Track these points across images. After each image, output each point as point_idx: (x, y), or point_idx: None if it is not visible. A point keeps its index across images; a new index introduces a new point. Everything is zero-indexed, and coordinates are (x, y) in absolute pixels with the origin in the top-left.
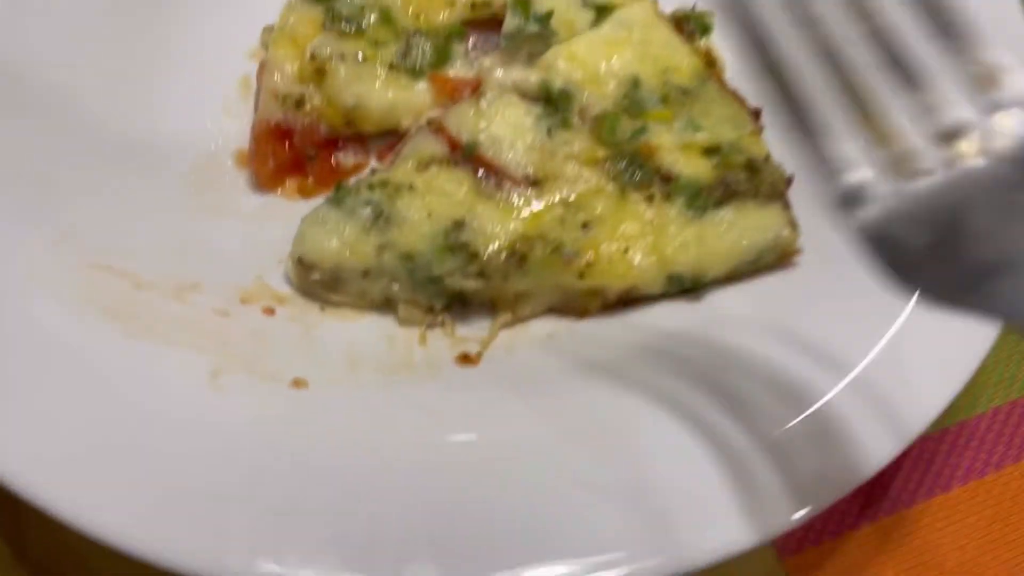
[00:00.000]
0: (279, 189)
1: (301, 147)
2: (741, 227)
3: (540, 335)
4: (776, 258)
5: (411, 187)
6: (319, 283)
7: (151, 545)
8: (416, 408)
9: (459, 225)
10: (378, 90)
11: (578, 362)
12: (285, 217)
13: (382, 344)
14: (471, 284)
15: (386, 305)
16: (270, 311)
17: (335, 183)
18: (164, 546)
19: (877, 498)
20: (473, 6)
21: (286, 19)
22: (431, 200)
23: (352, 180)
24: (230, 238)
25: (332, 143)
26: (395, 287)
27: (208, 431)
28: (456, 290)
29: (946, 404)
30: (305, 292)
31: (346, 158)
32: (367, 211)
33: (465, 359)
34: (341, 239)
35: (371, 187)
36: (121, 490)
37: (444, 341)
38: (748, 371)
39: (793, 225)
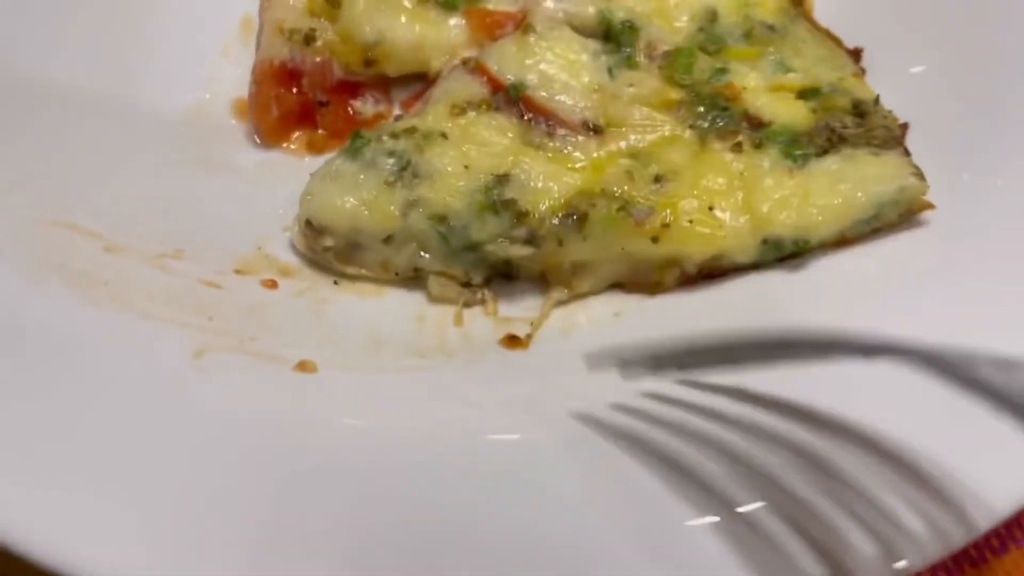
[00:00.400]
0: (285, 143)
1: (311, 92)
2: (855, 178)
3: (603, 315)
4: (900, 215)
5: (444, 135)
6: (332, 251)
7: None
8: (451, 399)
9: (503, 180)
10: (404, 24)
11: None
12: (291, 176)
13: (410, 324)
14: (518, 251)
15: (414, 278)
16: (271, 284)
17: (343, 132)
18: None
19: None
20: None
21: None
22: (469, 150)
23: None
24: (224, 199)
25: (348, 88)
26: (424, 256)
27: (187, 423)
28: (500, 259)
29: None
30: (315, 263)
31: (364, 106)
32: (391, 163)
33: (512, 341)
34: (359, 197)
35: (395, 135)
36: (72, 504)
37: (486, 321)
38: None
39: (920, 173)
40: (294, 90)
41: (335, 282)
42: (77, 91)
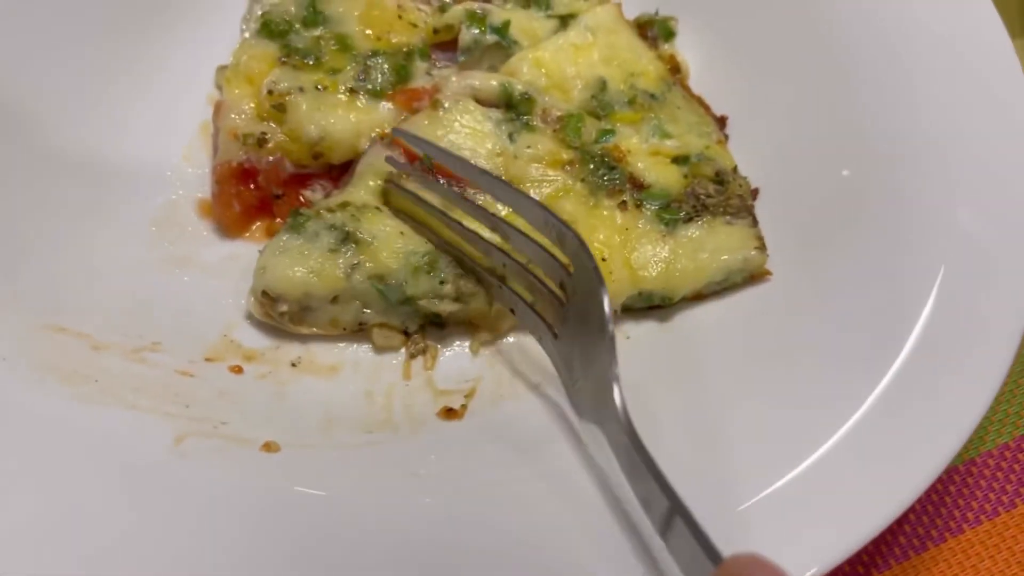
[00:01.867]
0: (246, 233)
1: (267, 187)
2: (711, 247)
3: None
4: (745, 279)
5: (377, 207)
6: (287, 315)
7: None
8: (393, 470)
9: (432, 243)
10: (341, 116)
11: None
12: (250, 266)
13: (360, 401)
14: (447, 307)
15: (360, 331)
16: (237, 369)
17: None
18: None
19: (887, 544)
20: (435, 31)
21: (239, 57)
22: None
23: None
24: (192, 292)
25: (299, 179)
26: (367, 311)
27: (173, 502)
28: (431, 312)
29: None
30: (272, 329)
31: (314, 194)
32: (332, 234)
33: (449, 414)
34: (306, 266)
35: (331, 210)
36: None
37: (426, 395)
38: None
39: (761, 244)
40: (252, 187)
41: (293, 364)
42: (65, 208)
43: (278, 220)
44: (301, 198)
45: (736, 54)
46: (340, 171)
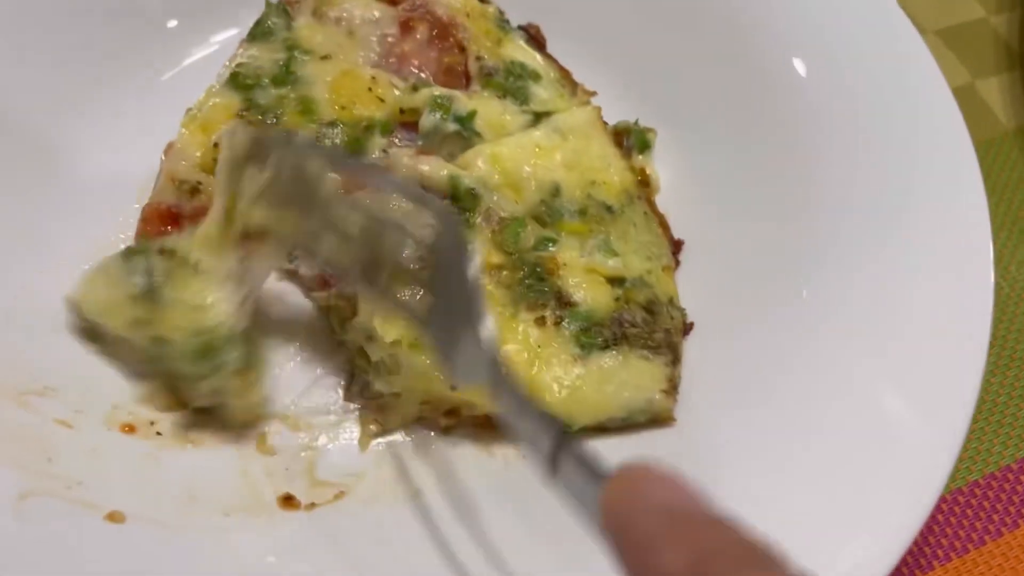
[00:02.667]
0: None
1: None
2: (619, 380)
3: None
4: (648, 421)
5: (195, 267)
6: (82, 331)
7: None
8: (231, 562)
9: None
10: None
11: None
12: None
13: (234, 478)
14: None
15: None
16: (128, 428)
17: None
18: None
19: None
20: (401, 110)
21: (203, 104)
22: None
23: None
24: None
25: None
26: (147, 365)
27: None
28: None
29: None
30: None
31: None
32: (141, 280)
33: (287, 502)
34: (107, 297)
35: (161, 251)
36: None
37: (302, 482)
38: None
39: (672, 387)
40: (172, 231)
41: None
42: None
43: None
44: None
45: (710, 177)
46: None
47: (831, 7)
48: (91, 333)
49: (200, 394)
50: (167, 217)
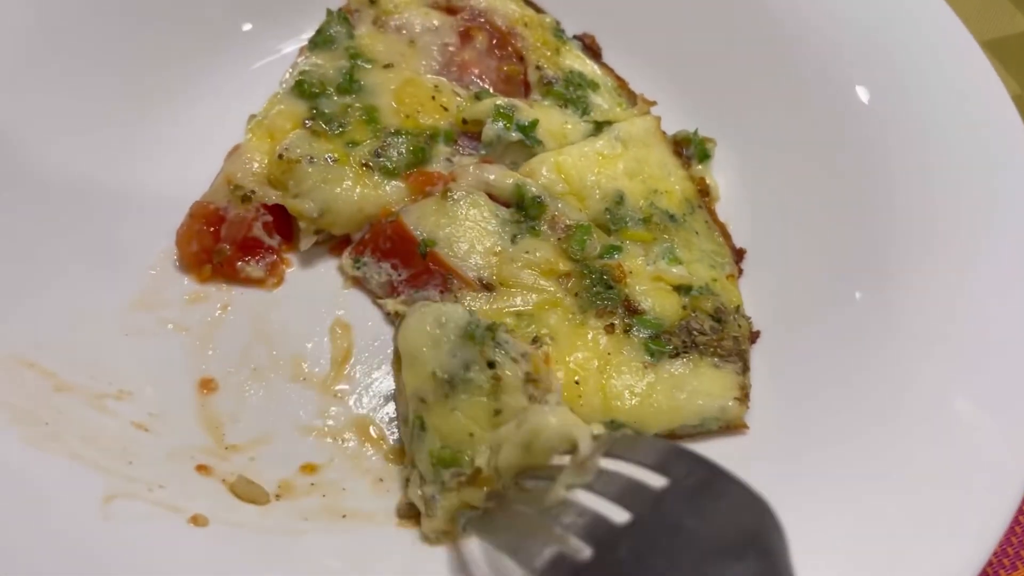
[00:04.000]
0: (197, 274)
1: (225, 239)
2: (691, 388)
3: None
4: (720, 428)
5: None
6: None
7: None
8: (307, 564)
9: None
10: (346, 189)
11: None
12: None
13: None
14: None
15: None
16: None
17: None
18: None
19: None
20: (464, 122)
21: (268, 110)
22: None
23: None
24: (173, 343)
25: (251, 246)
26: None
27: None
28: None
29: None
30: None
31: (253, 269)
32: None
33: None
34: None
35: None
36: None
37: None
38: None
39: (744, 395)
40: (212, 231)
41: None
42: (66, 232)
43: (210, 268)
44: (238, 264)
45: (770, 186)
46: (342, 243)
47: (895, 27)
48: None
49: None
50: (212, 218)
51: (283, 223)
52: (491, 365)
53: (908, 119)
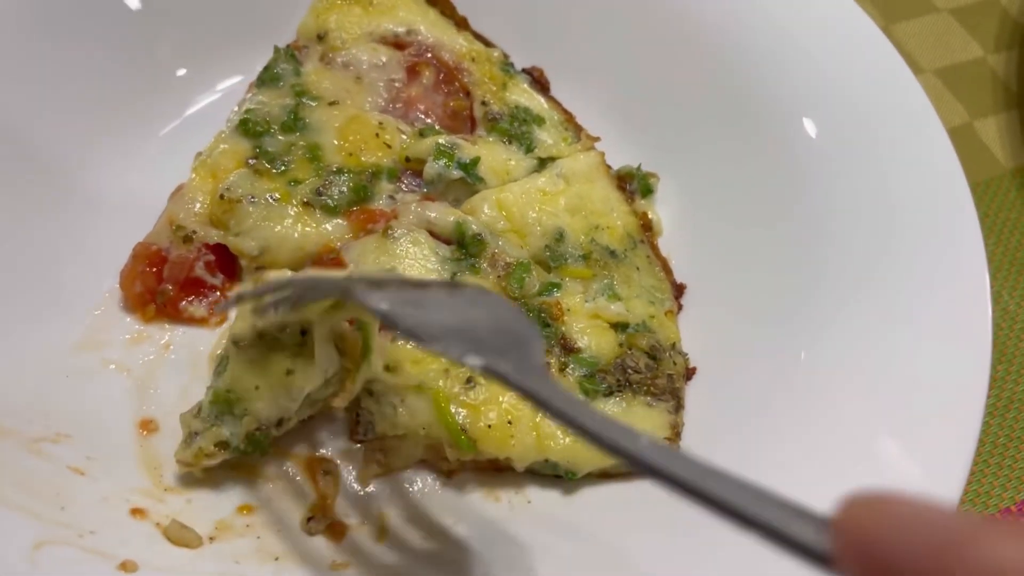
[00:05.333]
0: (141, 314)
1: (167, 280)
2: None
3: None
4: None
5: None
6: None
7: None
8: None
9: None
10: (287, 228)
11: None
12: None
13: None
14: None
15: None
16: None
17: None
18: None
19: None
20: (407, 159)
21: (212, 149)
22: None
23: None
24: (112, 384)
25: (194, 285)
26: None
27: None
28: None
29: None
30: None
31: (196, 308)
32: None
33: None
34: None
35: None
36: None
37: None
38: None
39: (675, 434)
40: (155, 272)
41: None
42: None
43: (153, 307)
44: (182, 304)
45: (712, 222)
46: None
47: (837, 62)
48: None
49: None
50: (154, 258)
51: (227, 261)
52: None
53: (851, 153)
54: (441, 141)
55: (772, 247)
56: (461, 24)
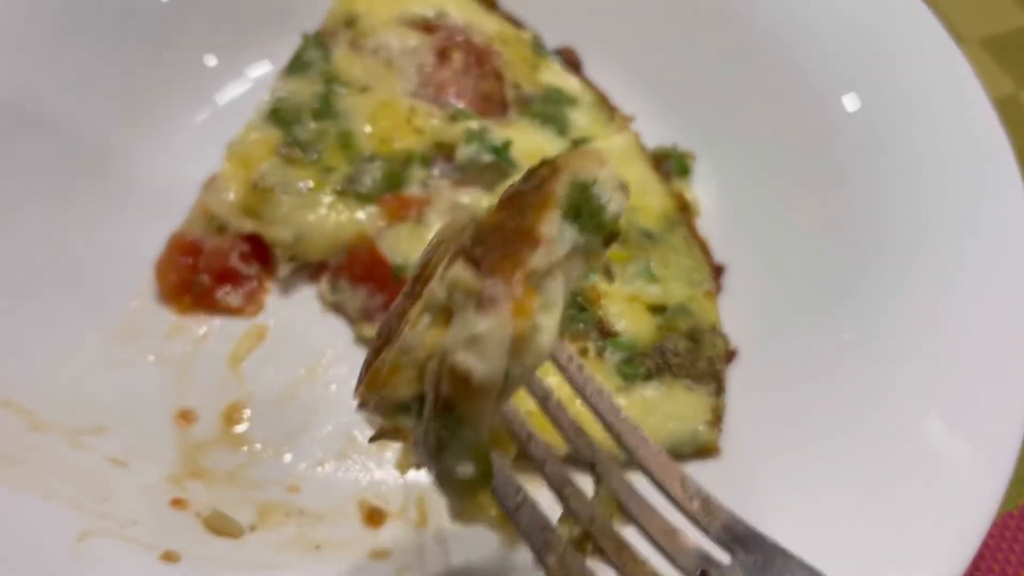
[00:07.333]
0: (177, 304)
1: (203, 270)
2: (664, 411)
3: None
4: (693, 452)
5: None
6: None
7: None
8: None
9: None
10: (320, 216)
11: None
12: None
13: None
14: None
15: None
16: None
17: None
18: None
19: None
20: (439, 145)
21: (244, 138)
22: None
23: None
24: (150, 378)
25: (229, 276)
26: None
27: None
28: None
29: None
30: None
31: (232, 298)
32: None
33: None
34: None
35: None
36: None
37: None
38: None
39: (716, 419)
40: (190, 262)
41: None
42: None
43: (189, 298)
44: (218, 294)
45: (753, 199)
46: (320, 268)
47: (878, 34)
48: None
49: None
50: (190, 249)
51: (261, 251)
52: None
53: (894, 128)
54: (472, 125)
55: (813, 226)
56: (491, 5)
